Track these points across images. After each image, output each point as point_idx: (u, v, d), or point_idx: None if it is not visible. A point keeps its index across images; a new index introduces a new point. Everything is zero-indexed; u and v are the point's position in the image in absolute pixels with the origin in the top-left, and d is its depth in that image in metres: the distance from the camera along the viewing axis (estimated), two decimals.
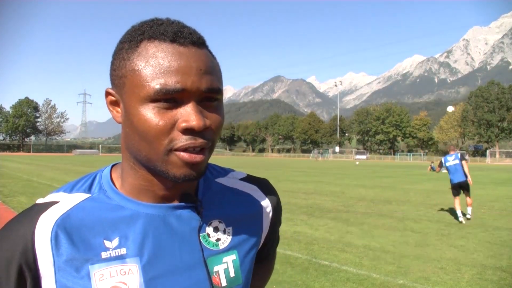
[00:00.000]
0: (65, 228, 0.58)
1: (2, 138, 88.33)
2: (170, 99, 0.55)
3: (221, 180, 0.75)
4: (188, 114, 0.55)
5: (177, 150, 0.56)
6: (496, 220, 8.12)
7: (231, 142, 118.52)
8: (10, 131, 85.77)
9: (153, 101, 0.55)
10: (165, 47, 0.56)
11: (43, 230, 0.58)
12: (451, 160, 8.24)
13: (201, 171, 0.59)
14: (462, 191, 8.21)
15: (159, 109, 0.55)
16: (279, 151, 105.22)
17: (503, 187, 15.95)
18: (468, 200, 8.17)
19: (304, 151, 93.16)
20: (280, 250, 5.57)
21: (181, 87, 0.55)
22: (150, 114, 0.55)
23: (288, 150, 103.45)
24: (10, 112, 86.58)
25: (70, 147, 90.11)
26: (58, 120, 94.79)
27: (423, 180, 19.68)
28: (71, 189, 0.65)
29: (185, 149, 0.56)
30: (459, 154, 8.29)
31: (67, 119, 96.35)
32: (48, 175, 18.78)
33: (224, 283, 0.66)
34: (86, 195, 0.63)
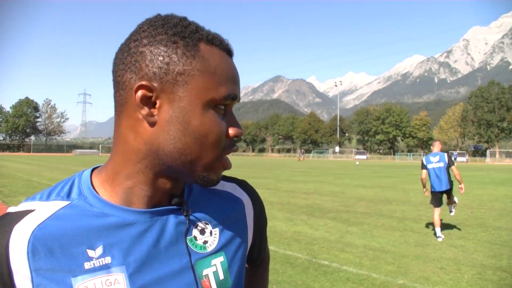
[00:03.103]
0: (43, 239, 0.54)
1: (2, 138, 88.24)
2: (227, 106, 0.58)
3: None
4: (234, 122, 0.59)
5: (223, 155, 0.59)
6: (496, 220, 8.12)
7: None
8: (10, 131, 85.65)
9: (215, 106, 0.56)
10: (223, 55, 0.59)
11: (19, 242, 0.53)
12: (435, 161, 6.62)
13: None
14: (446, 197, 6.77)
15: (218, 115, 0.57)
16: (279, 151, 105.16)
17: (503, 187, 15.93)
18: (453, 199, 6.75)
19: (304, 151, 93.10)
20: (280, 250, 5.57)
21: (236, 96, 0.59)
22: (215, 118, 0.56)
23: (288, 150, 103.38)
24: (10, 112, 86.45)
25: (70, 147, 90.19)
26: (58, 120, 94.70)
27: None
28: (47, 196, 0.60)
29: (227, 155, 0.60)
30: (445, 155, 6.59)
31: (67, 119, 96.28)
32: (48, 175, 18.76)
33: (214, 287, 0.64)
34: (65, 202, 0.59)
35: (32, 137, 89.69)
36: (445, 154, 6.65)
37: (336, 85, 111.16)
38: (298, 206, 9.85)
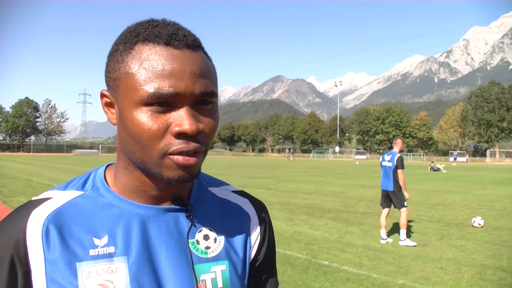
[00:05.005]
0: (56, 224, 0.59)
1: (2, 138, 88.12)
2: (163, 103, 0.55)
3: (213, 189, 0.75)
4: (181, 118, 0.55)
5: (171, 154, 0.56)
6: (496, 220, 8.12)
7: (231, 142, 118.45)
8: (10, 131, 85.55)
9: (147, 104, 0.55)
10: (159, 50, 0.56)
11: (35, 224, 0.59)
12: (387, 160, 6.43)
13: (195, 173, 0.60)
14: (391, 204, 6.45)
15: (152, 113, 0.55)
16: (279, 151, 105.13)
17: (503, 187, 15.94)
18: (402, 219, 6.14)
19: (304, 151, 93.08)
20: (280, 250, 5.56)
21: (175, 91, 0.54)
22: (144, 117, 0.55)
23: (288, 150, 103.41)
24: (10, 112, 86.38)
25: (70, 147, 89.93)
26: (58, 120, 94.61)
27: (423, 180, 19.66)
28: (65, 187, 0.66)
29: (179, 153, 0.56)
30: (396, 157, 6.33)
31: (67, 119, 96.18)
32: (48, 175, 18.78)
33: None
34: (79, 192, 0.64)
35: (32, 137, 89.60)
36: (397, 155, 6.36)
37: (336, 85, 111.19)
38: (298, 206, 9.85)
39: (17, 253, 0.57)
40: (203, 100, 0.58)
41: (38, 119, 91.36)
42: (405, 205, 6.23)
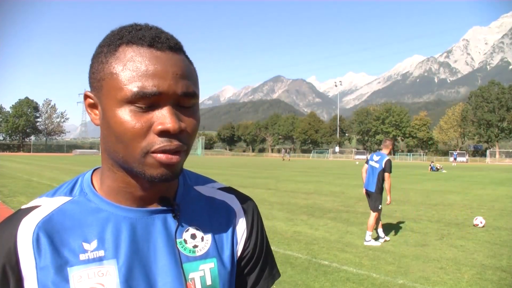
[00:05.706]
0: (46, 231, 0.60)
1: (2, 138, 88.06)
2: (146, 102, 0.56)
3: (199, 188, 0.76)
4: (163, 117, 0.56)
5: (153, 152, 0.57)
6: (496, 220, 8.11)
7: (231, 142, 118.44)
8: (10, 131, 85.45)
9: (130, 103, 0.56)
10: (142, 52, 0.57)
11: (25, 232, 0.60)
12: (375, 160, 6.25)
13: (177, 171, 0.60)
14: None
15: (135, 112, 0.56)
16: (279, 151, 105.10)
17: (503, 187, 15.93)
18: (370, 220, 6.09)
19: (304, 151, 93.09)
20: (280, 250, 5.56)
21: (158, 91, 0.56)
22: (127, 116, 0.56)
23: (285, 150, 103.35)
24: (10, 112, 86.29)
25: (70, 147, 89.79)
26: (58, 120, 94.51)
27: (423, 180, 19.66)
28: (53, 193, 0.67)
29: (161, 151, 0.57)
30: (384, 160, 6.13)
31: (67, 119, 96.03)
32: (48, 175, 18.76)
33: None
34: (67, 198, 0.65)
35: (32, 137, 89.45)
36: (386, 158, 6.18)
37: (336, 85, 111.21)
38: (298, 206, 9.85)
39: (9, 261, 0.58)
40: (184, 101, 0.59)
41: (38, 119, 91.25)
42: (379, 208, 6.15)
